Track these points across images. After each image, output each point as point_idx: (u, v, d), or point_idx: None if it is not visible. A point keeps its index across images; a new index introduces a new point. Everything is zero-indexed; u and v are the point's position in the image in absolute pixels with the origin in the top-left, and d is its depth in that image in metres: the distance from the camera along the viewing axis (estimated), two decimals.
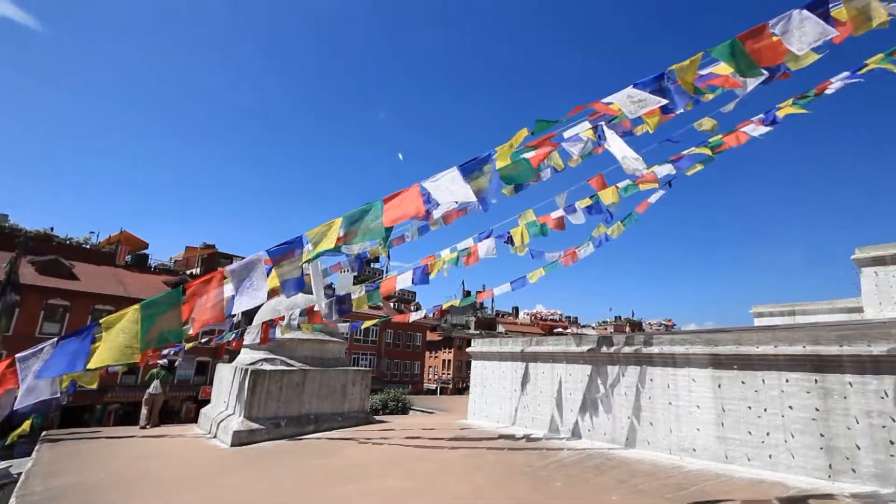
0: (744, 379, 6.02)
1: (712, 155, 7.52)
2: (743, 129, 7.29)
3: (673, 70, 4.39)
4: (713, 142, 7.53)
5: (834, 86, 6.87)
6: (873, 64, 6.56)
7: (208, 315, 4.49)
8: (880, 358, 5.01)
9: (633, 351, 7.19)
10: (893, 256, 8.75)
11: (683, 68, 4.37)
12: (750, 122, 7.32)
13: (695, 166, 7.92)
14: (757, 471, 5.71)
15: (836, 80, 6.86)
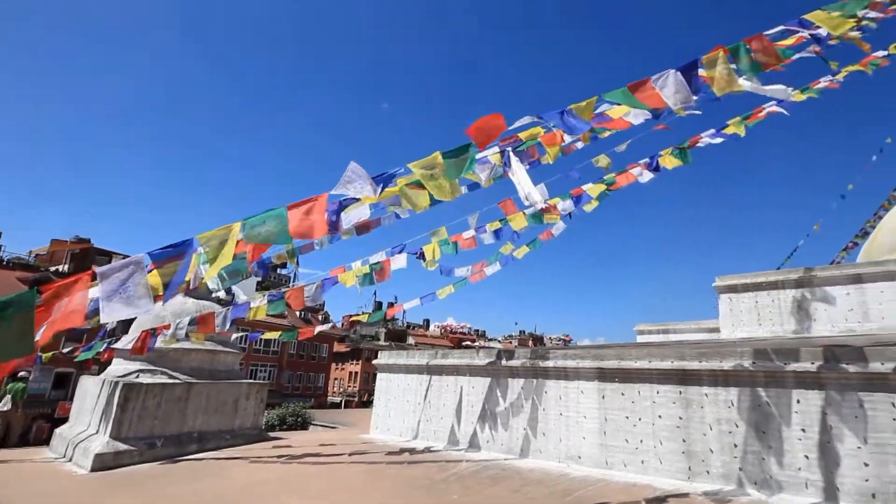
0: (623, 391, 6.65)
1: (607, 192, 8.34)
2: (631, 171, 8.21)
3: (572, 109, 4.82)
4: (608, 179, 8.37)
5: (704, 140, 8.05)
6: (732, 126, 7.82)
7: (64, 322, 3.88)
8: (729, 372, 5.85)
9: (531, 364, 7.60)
10: (744, 285, 10.33)
11: (581, 108, 4.83)
12: (637, 165, 8.26)
13: (591, 202, 8.69)
14: (632, 475, 6.30)
15: (705, 136, 8.05)
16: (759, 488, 5.44)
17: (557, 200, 8.63)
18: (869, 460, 4.97)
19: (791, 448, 5.38)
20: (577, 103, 4.80)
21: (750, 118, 7.87)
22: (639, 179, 8.16)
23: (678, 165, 8.07)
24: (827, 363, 5.27)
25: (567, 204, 8.58)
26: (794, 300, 9.55)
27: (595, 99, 4.85)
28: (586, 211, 8.88)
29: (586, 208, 8.83)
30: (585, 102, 4.81)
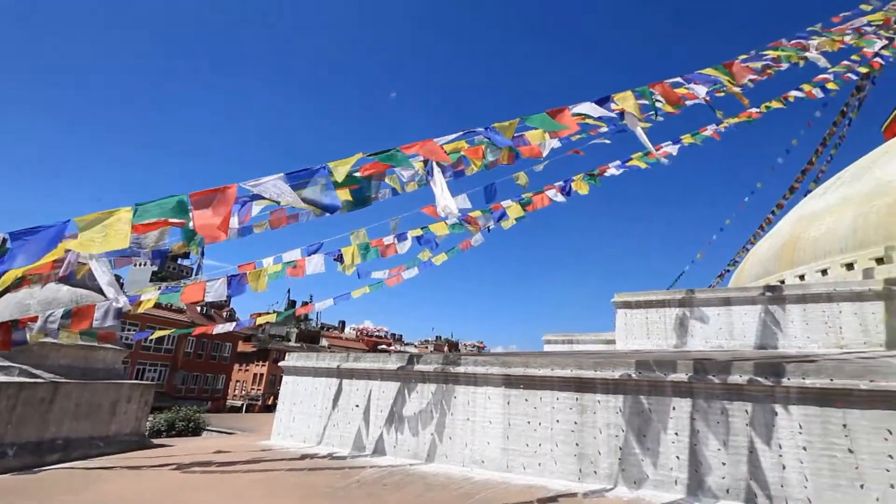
0: (527, 397, 6.99)
1: (523, 212, 8.76)
2: (547, 193, 8.73)
3: (495, 127, 5.03)
4: (525, 198, 8.82)
5: (611, 170, 8.82)
6: (635, 160, 8.68)
7: None
8: (618, 381, 6.41)
9: (442, 370, 7.71)
10: (637, 302, 11.41)
11: (504, 127, 5.06)
12: (553, 186, 8.81)
13: (509, 220, 9.05)
14: (530, 477, 6.62)
15: (612, 166, 8.83)
16: (637, 487, 6.00)
17: (478, 213, 8.89)
18: (727, 460, 5.71)
19: (665, 450, 6.01)
20: (500, 122, 5.02)
21: (650, 155, 8.79)
22: (554, 200, 8.69)
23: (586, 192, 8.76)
24: (696, 374, 5.98)
25: (487, 218, 8.88)
26: (677, 318, 10.73)
27: (517, 120, 5.11)
28: (503, 227, 9.24)
29: (504, 225, 9.19)
30: (508, 122, 5.04)
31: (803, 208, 15.98)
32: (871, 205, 12.03)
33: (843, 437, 5.30)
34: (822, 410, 5.45)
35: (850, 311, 9.00)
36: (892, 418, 5.14)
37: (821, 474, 5.28)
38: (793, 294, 9.59)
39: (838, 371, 5.42)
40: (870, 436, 5.19)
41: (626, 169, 8.77)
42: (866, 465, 5.14)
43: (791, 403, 5.59)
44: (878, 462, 5.09)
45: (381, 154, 4.74)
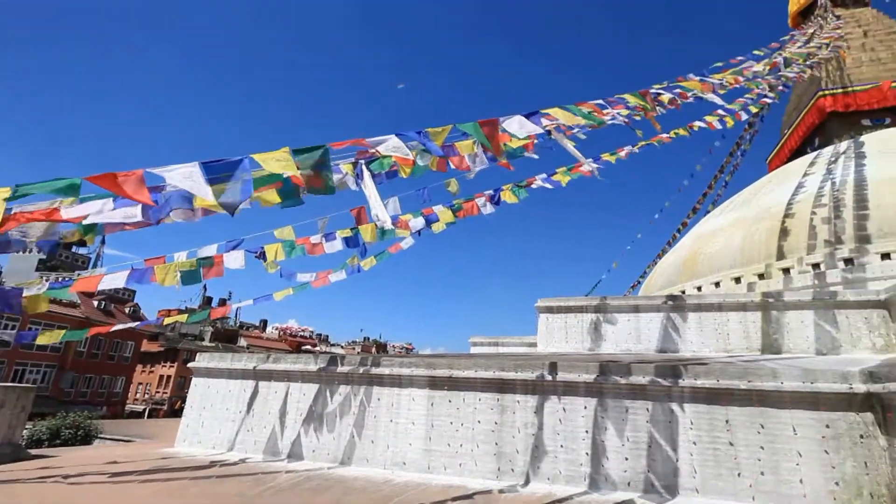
0: (451, 398, 7.09)
1: (454, 218, 8.89)
2: (476, 201, 8.96)
3: (427, 132, 5.07)
4: (456, 205, 8.97)
5: (537, 182, 9.26)
6: (559, 175, 9.20)
7: None
8: (536, 382, 6.71)
9: (366, 371, 7.59)
10: (558, 307, 12.05)
11: (436, 133, 5.11)
12: (482, 195, 9.06)
13: (439, 224, 9.14)
14: (450, 477, 6.71)
15: (539, 179, 9.29)
16: (551, 482, 6.32)
17: (409, 217, 8.88)
18: (629, 455, 6.19)
19: (577, 447, 6.39)
20: (434, 128, 5.06)
21: (573, 170, 9.35)
22: (482, 211, 8.91)
23: (516, 202, 9.11)
24: (604, 375, 6.44)
25: (417, 221, 8.89)
26: (593, 323, 11.48)
27: (450, 127, 5.18)
28: (434, 231, 9.30)
29: (434, 228, 9.25)
30: (441, 128, 5.10)
31: (702, 227, 17.82)
32: (756, 227, 13.72)
33: (725, 432, 5.97)
34: (710, 408, 6.11)
35: (736, 320, 10.17)
36: (764, 414, 5.88)
37: (707, 465, 5.91)
38: (690, 303, 10.64)
39: (723, 373, 6.09)
40: (746, 430, 5.90)
41: (552, 184, 9.24)
42: (743, 455, 5.83)
43: (685, 402, 6.20)
44: (752, 453, 5.80)
45: (308, 151, 4.54)
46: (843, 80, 19.19)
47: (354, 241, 8.75)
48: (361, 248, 8.92)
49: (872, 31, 20.61)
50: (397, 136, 4.88)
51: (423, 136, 4.98)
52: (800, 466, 5.60)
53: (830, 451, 5.55)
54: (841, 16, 21.41)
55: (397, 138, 4.87)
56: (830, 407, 5.69)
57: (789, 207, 13.34)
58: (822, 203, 12.66)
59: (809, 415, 5.75)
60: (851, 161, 13.80)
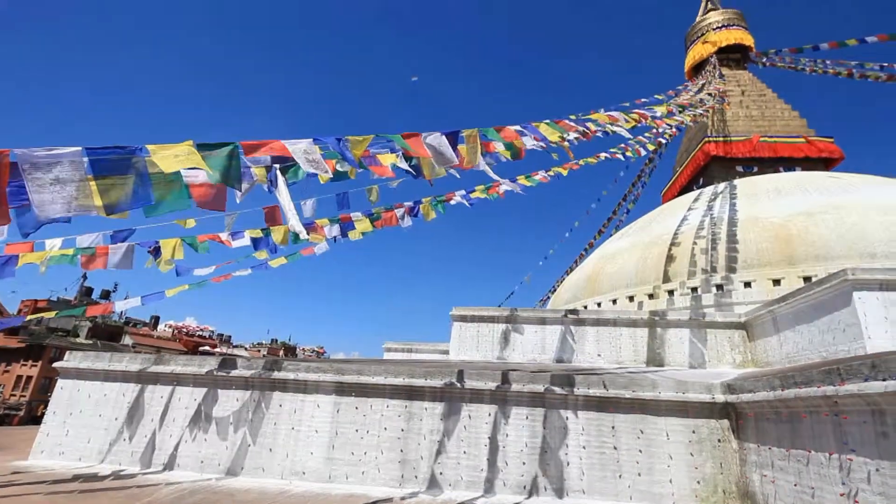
0: (358, 405, 6.94)
1: (371, 227, 8.72)
2: (396, 212, 8.88)
3: (348, 140, 4.96)
4: (374, 214, 8.81)
5: (456, 199, 9.47)
6: (478, 192, 9.50)
7: None
8: (444, 389, 6.82)
9: (267, 376, 7.18)
10: (472, 316, 12.38)
11: (356, 142, 5.01)
12: (402, 206, 9.01)
13: (356, 234, 8.88)
14: (352, 486, 6.54)
15: (458, 195, 9.49)
16: (452, 488, 6.43)
17: (325, 222, 8.54)
18: (526, 460, 6.50)
19: (479, 453, 6.58)
20: (355, 136, 4.95)
21: (491, 189, 9.70)
22: (400, 223, 8.85)
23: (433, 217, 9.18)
24: (508, 384, 6.73)
25: (333, 228, 8.57)
26: (503, 332, 11.95)
27: (372, 137, 5.11)
28: (350, 239, 9.00)
29: (350, 236, 8.96)
30: (362, 138, 5.01)
31: (606, 248, 19.44)
32: (649, 252, 15.27)
33: (611, 437, 6.52)
34: (599, 415, 6.64)
35: (627, 335, 11.19)
36: (643, 421, 6.52)
37: (593, 468, 6.40)
38: (590, 318, 11.51)
39: (612, 383, 6.67)
40: (628, 435, 6.50)
41: (470, 201, 9.46)
42: (625, 458, 6.40)
43: (579, 409, 6.67)
44: (632, 456, 6.39)
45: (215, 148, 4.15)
46: (724, 130, 22.21)
47: (265, 243, 8.20)
48: (271, 248, 8.37)
49: (748, 92, 24.15)
50: (314, 141, 4.68)
51: (342, 145, 4.83)
52: (670, 468, 6.28)
53: (695, 453, 6.31)
54: (725, 75, 24.83)
55: (313, 144, 4.65)
56: (696, 414, 6.48)
57: (675, 237, 15.06)
58: (702, 235, 14.47)
59: (680, 421, 6.49)
60: (726, 201, 15.97)
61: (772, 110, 23.00)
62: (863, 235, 11.60)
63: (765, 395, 5.41)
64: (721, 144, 21.75)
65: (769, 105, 23.34)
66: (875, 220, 11.87)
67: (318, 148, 4.71)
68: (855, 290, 7.56)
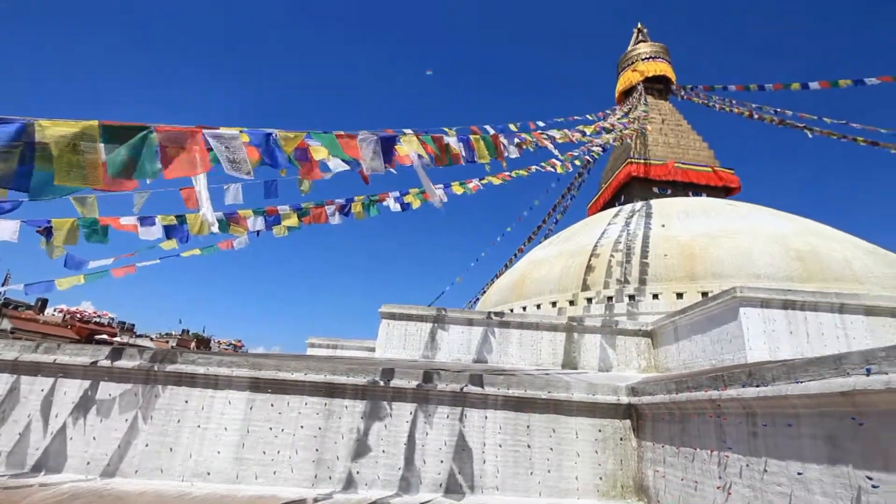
0: (273, 402, 6.63)
1: (298, 223, 8.31)
2: (326, 209, 8.56)
3: (278, 136, 4.71)
4: (303, 209, 8.42)
5: (388, 200, 9.36)
6: (410, 196, 9.46)
7: None
8: (367, 387, 6.72)
9: (174, 369, 6.63)
10: (400, 314, 12.33)
11: (288, 138, 4.78)
12: (333, 203, 8.72)
13: (282, 229, 8.41)
14: (261, 487, 6.22)
15: (391, 196, 9.39)
16: (368, 488, 6.34)
17: (249, 214, 8.01)
18: (444, 458, 6.56)
19: (398, 451, 6.53)
20: (286, 132, 4.71)
21: (425, 195, 9.69)
22: (330, 220, 8.54)
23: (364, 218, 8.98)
24: (432, 383, 6.78)
25: (257, 221, 8.05)
26: (431, 332, 12.03)
27: (303, 134, 4.90)
28: (275, 235, 8.50)
29: (276, 232, 8.47)
30: (293, 134, 4.78)
31: (534, 254, 20.29)
32: (572, 261, 16.16)
33: (526, 436, 6.80)
34: (517, 415, 6.90)
35: (548, 339, 11.75)
36: (556, 420, 6.88)
37: (508, 466, 6.63)
38: (514, 321, 11.95)
39: (531, 384, 6.96)
40: (542, 434, 6.82)
41: (402, 205, 9.37)
42: (537, 456, 6.71)
43: (498, 409, 6.89)
44: (543, 454, 6.72)
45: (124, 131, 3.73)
46: (645, 153, 24.12)
47: (178, 232, 7.48)
48: (184, 236, 7.62)
49: (668, 121, 26.43)
50: (245, 133, 4.37)
51: (271, 141, 4.57)
52: (577, 465, 6.69)
53: (599, 451, 6.77)
54: (649, 103, 26.98)
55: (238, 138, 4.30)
56: (603, 415, 6.95)
57: (596, 249, 16.09)
58: (619, 249, 15.59)
59: (589, 421, 6.93)
60: (642, 219, 17.36)
61: (686, 140, 25.35)
62: (750, 258, 13.14)
63: (662, 397, 5.93)
64: (641, 166, 23.59)
65: (684, 135, 25.70)
66: (761, 246, 13.50)
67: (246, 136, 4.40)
68: (741, 306, 8.53)
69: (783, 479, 3.84)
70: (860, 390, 3.10)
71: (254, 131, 4.56)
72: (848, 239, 14.94)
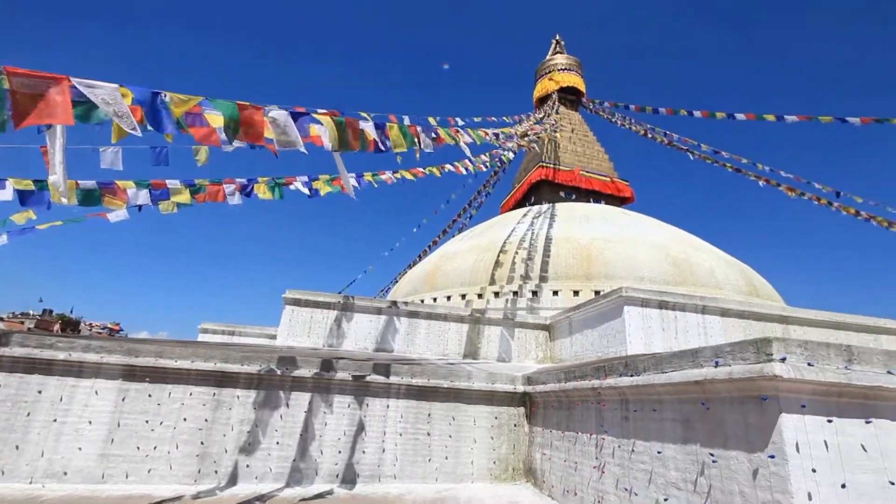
0: (152, 392, 5.99)
1: (191, 200, 7.44)
2: (224, 187, 7.79)
3: (168, 96, 4.20)
4: (197, 185, 7.56)
5: (296, 184, 8.82)
6: (320, 182, 9.01)
7: None
8: (263, 376, 6.35)
9: (25, 355, 5.70)
10: (306, 301, 11.82)
11: (179, 100, 4.27)
12: (233, 182, 7.98)
13: (170, 205, 7.47)
14: (132, 486, 5.61)
15: (299, 180, 8.85)
16: (259, 481, 6.01)
17: (131, 185, 7.00)
18: (343, 448, 6.46)
19: (293, 443, 6.29)
20: (179, 95, 4.19)
21: (335, 181, 9.29)
22: (228, 200, 7.77)
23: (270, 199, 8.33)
24: (333, 371, 6.61)
25: (141, 194, 7.05)
26: (337, 320, 11.70)
27: (200, 98, 4.41)
28: (161, 212, 7.51)
29: (162, 208, 7.50)
30: (186, 97, 4.28)
31: (447, 248, 20.64)
32: (483, 256, 16.73)
33: (427, 424, 6.92)
34: (419, 403, 6.99)
35: (455, 329, 12.05)
36: (457, 409, 7.10)
37: (407, 454, 6.70)
38: (423, 311, 12.07)
39: (434, 373, 7.09)
40: (442, 422, 6.99)
41: (311, 190, 8.86)
42: (436, 443, 6.87)
43: (400, 398, 6.91)
44: (443, 441, 6.90)
45: None
46: (555, 159, 25.66)
47: (37, 200, 6.29)
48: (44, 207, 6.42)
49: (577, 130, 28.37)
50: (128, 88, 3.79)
51: (159, 101, 4.03)
52: (473, 450, 6.97)
53: (495, 437, 7.11)
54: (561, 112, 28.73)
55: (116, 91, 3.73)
56: (500, 402, 7.31)
57: (504, 245, 16.83)
58: (524, 247, 16.46)
59: (487, 409, 7.24)
60: (547, 220, 18.49)
61: (591, 150, 27.43)
62: (636, 262, 14.63)
63: (552, 386, 6.39)
64: (551, 171, 25.07)
65: (590, 145, 27.79)
66: (645, 252, 15.09)
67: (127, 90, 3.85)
68: (626, 304, 9.47)
69: (646, 458, 4.35)
70: (709, 379, 3.60)
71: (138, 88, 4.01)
72: (713, 250, 17.30)
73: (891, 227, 14.05)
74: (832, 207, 15.58)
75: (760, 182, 17.44)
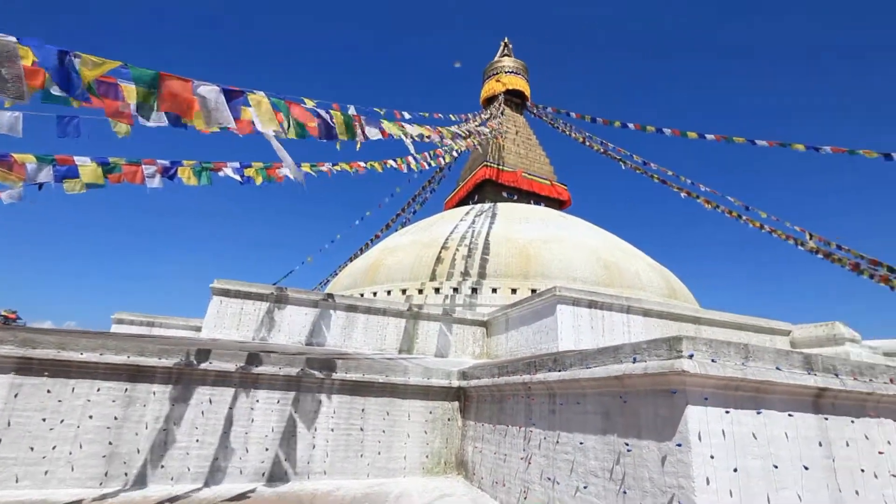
0: (52, 388, 5.42)
1: (103, 180, 6.74)
2: (144, 168, 7.14)
3: (80, 58, 3.79)
4: (112, 164, 6.87)
5: (226, 171, 8.33)
6: (253, 171, 8.60)
7: None
8: (182, 370, 5.94)
9: None
10: (236, 291, 11.20)
11: (92, 63, 3.86)
12: (154, 163, 7.34)
13: (76, 185, 6.66)
14: (23, 491, 5.06)
15: (230, 166, 8.38)
16: (174, 483, 5.63)
17: (31, 159, 6.18)
18: (270, 445, 6.21)
19: (215, 441, 5.96)
20: (93, 56, 3.78)
21: (269, 171, 8.86)
22: (147, 183, 7.15)
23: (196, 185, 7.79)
24: (262, 366, 6.33)
25: (43, 171, 6.24)
26: (270, 312, 11.21)
27: (116, 64, 4.01)
28: (66, 191, 6.67)
29: (67, 187, 6.63)
30: (101, 60, 3.89)
31: (389, 241, 20.45)
32: (425, 252, 16.75)
33: (360, 419, 6.83)
34: (352, 399, 6.87)
35: (394, 324, 11.98)
36: (392, 403, 7.06)
37: (338, 449, 6.58)
38: (362, 305, 11.88)
39: (369, 368, 7.01)
40: (376, 417, 6.93)
41: (241, 178, 8.40)
42: (369, 439, 6.80)
43: (334, 393, 6.76)
44: (376, 436, 6.84)
45: None
46: (499, 159, 26.23)
47: None
48: None
49: (521, 133, 29.17)
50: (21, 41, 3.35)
51: (67, 62, 3.61)
52: (406, 445, 6.98)
53: (428, 431, 7.17)
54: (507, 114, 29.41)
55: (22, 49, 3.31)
56: (435, 397, 7.38)
57: (446, 242, 16.97)
58: (465, 244, 16.72)
59: (422, 403, 7.27)
60: (489, 219, 18.88)
61: (534, 153, 28.31)
62: (570, 264, 15.34)
63: (486, 381, 6.54)
64: (495, 170, 25.60)
65: (533, 148, 28.67)
66: (580, 254, 15.86)
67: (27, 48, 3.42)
68: (559, 303, 9.89)
69: (569, 448, 4.58)
70: (627, 374, 3.85)
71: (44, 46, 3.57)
72: (639, 254, 18.53)
73: (788, 240, 15.79)
74: (741, 220, 17.22)
75: (682, 194, 18.88)
